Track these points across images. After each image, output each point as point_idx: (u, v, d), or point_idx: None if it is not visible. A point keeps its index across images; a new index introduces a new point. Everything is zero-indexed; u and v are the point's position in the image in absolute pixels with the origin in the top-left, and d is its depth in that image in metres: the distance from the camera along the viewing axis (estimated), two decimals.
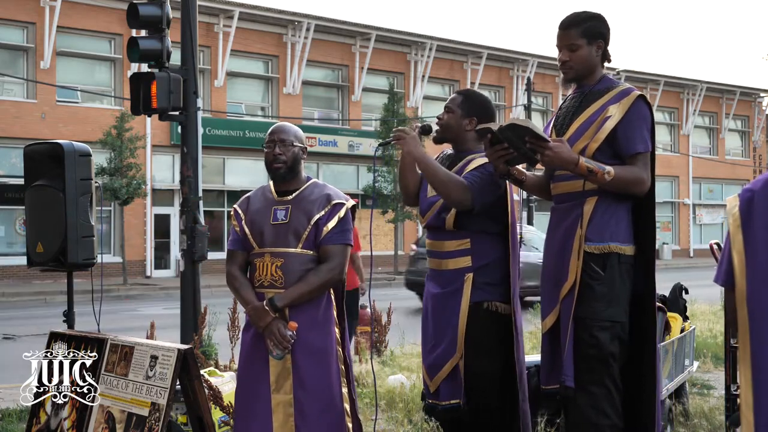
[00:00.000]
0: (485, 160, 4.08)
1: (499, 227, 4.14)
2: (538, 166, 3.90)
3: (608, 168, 3.69)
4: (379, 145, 4.51)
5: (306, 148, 4.02)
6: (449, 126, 4.28)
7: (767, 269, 2.11)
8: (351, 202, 3.94)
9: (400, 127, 4.29)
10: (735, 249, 2.17)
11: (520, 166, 3.97)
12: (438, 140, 4.35)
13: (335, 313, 3.93)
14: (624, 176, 3.72)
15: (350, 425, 3.86)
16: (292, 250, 3.82)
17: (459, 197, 4.04)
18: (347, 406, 3.87)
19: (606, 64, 3.98)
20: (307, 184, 3.98)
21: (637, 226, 3.88)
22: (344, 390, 3.88)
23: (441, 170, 4.10)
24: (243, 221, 3.96)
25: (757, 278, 2.13)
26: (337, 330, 3.91)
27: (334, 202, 3.88)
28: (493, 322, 4.10)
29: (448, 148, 4.45)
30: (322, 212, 3.85)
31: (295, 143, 3.94)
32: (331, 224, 3.83)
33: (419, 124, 4.29)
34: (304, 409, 3.76)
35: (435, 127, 4.37)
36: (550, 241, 3.96)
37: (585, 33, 3.85)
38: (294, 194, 3.93)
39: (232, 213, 4.07)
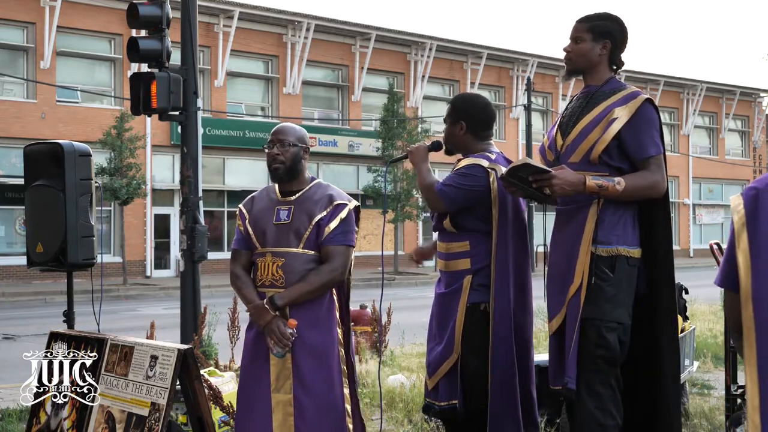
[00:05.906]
0: (469, 161, 4.16)
1: (491, 227, 4.10)
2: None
3: (617, 179, 3.70)
4: (390, 162, 4.96)
5: (308, 148, 4.01)
6: (447, 136, 4.36)
7: None
8: (353, 203, 3.94)
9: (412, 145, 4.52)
10: (740, 248, 2.13)
11: None
12: (447, 152, 4.43)
13: (338, 313, 3.92)
14: (636, 183, 3.72)
15: (351, 426, 3.85)
16: (293, 250, 3.82)
17: (433, 203, 4.20)
18: (348, 407, 3.87)
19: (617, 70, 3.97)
20: (311, 184, 3.98)
21: (651, 226, 3.86)
22: (346, 391, 3.87)
23: (423, 178, 4.24)
24: (247, 221, 3.98)
25: (762, 276, 2.09)
26: (339, 331, 3.90)
27: (336, 202, 3.88)
28: (489, 324, 4.08)
29: None
30: (324, 212, 3.85)
31: (295, 144, 3.93)
32: (333, 224, 3.83)
33: (434, 141, 4.45)
34: (304, 409, 3.76)
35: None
36: (555, 243, 3.95)
37: (592, 29, 3.88)
38: (297, 195, 3.93)
39: (237, 213, 4.09)
